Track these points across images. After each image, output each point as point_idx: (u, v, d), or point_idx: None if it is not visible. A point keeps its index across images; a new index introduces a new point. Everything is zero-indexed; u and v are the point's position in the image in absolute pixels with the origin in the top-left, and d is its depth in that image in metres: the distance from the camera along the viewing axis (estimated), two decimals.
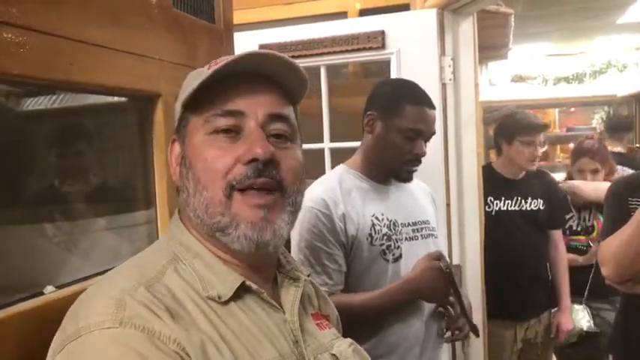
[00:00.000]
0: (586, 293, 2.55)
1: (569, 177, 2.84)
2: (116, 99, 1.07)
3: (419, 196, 1.62)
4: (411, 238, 1.49)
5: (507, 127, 2.51)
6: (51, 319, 0.66)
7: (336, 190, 1.45)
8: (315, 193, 1.45)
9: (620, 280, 1.60)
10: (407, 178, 1.50)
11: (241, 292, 0.72)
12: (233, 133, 0.71)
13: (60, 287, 0.83)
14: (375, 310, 1.39)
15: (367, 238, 1.42)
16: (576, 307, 2.55)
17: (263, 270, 0.77)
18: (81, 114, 1.06)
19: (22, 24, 0.73)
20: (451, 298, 1.44)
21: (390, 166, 1.48)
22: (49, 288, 0.82)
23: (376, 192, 1.51)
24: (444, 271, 1.36)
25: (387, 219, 1.46)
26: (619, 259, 1.53)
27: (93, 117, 1.10)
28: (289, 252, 0.87)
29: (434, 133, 1.50)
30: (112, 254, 1.04)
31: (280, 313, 0.75)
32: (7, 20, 0.71)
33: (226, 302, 0.70)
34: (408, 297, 1.41)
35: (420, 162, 1.48)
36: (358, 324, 1.41)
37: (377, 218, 1.45)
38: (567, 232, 2.68)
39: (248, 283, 0.72)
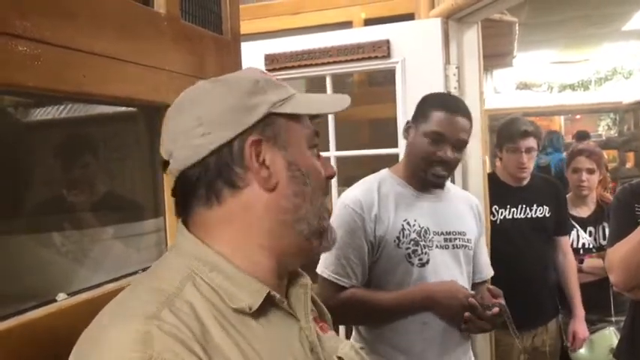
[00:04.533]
0: (612, 310, 2.46)
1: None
2: (125, 109, 1.09)
3: (460, 207, 1.63)
4: (442, 247, 1.53)
5: (498, 134, 2.50)
6: (64, 325, 0.67)
7: (373, 193, 1.52)
8: (353, 192, 1.55)
9: (628, 288, 1.60)
10: (436, 184, 1.54)
11: (264, 303, 0.70)
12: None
13: (72, 294, 0.85)
14: (391, 309, 1.46)
15: (395, 241, 1.48)
16: (606, 332, 2.43)
17: (283, 279, 0.77)
18: (92, 124, 1.08)
19: (37, 37, 0.75)
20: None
21: (418, 170, 1.52)
22: (62, 295, 0.83)
23: (413, 199, 1.55)
24: (470, 304, 1.44)
25: (419, 225, 1.51)
26: (626, 267, 1.53)
27: (103, 127, 1.12)
28: None
29: (464, 141, 1.50)
30: (122, 262, 1.05)
31: (294, 320, 0.74)
32: (21, 34, 0.73)
33: (251, 316, 0.68)
34: (423, 303, 1.46)
35: (447, 167, 1.51)
36: (377, 319, 1.49)
37: (408, 223, 1.50)
38: (581, 251, 2.60)
39: (273, 293, 0.71)
